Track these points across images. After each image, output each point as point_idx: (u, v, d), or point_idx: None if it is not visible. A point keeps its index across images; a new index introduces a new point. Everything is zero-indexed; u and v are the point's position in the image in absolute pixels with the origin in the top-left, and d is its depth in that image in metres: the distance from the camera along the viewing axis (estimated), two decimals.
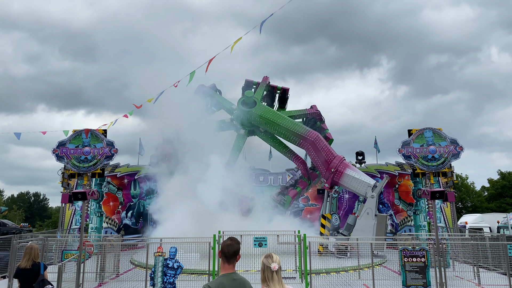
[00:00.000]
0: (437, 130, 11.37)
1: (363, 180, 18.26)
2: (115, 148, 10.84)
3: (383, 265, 15.06)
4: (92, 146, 10.76)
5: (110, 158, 10.83)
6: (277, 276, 3.70)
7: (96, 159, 10.64)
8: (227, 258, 3.76)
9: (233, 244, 3.81)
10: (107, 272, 13.30)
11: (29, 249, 7.21)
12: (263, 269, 3.74)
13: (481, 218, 28.55)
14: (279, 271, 3.73)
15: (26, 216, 68.33)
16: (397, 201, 24.82)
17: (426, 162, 11.10)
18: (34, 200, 79.89)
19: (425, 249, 10.79)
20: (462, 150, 11.23)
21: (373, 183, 18.00)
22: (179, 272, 10.08)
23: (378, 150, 27.52)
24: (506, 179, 48.61)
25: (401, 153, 11.52)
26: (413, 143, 11.34)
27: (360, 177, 18.34)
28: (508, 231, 23.36)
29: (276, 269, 3.70)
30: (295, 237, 13.17)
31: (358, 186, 18.29)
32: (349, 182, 18.50)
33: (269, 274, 3.69)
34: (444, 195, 10.51)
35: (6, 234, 20.33)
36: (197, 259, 13.24)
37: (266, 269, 3.71)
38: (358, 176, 18.41)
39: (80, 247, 10.34)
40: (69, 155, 10.60)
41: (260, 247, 12.03)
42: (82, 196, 9.93)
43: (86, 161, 10.59)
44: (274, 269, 3.69)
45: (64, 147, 10.78)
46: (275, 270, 3.70)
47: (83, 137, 10.82)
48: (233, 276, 3.74)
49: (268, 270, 3.70)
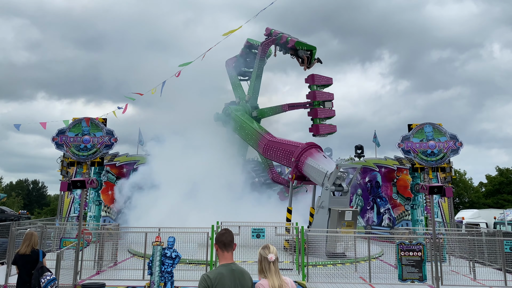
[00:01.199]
0: (437, 125, 11.36)
1: (320, 169, 16.11)
2: (115, 137, 10.83)
3: (379, 259, 15.15)
4: (92, 135, 10.74)
5: (110, 147, 10.82)
6: (274, 267, 3.75)
7: (95, 147, 10.64)
8: (225, 246, 3.81)
9: (228, 233, 3.90)
10: (105, 261, 13.37)
11: (29, 235, 7.24)
12: (260, 260, 3.79)
13: (478, 214, 28.71)
14: (276, 262, 3.78)
15: (24, 203, 68.49)
16: (395, 195, 24.88)
17: (425, 157, 11.12)
18: (33, 188, 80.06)
19: (422, 244, 10.86)
20: (461, 146, 11.25)
21: (331, 171, 15.61)
22: (177, 261, 10.14)
23: (378, 145, 27.53)
24: (504, 175, 48.76)
25: (401, 148, 11.51)
26: (413, 138, 11.35)
27: (318, 166, 16.31)
28: (504, 227, 23.50)
29: (273, 260, 3.75)
30: (292, 229, 13.23)
31: (315, 176, 16.37)
32: (308, 171, 16.80)
33: (266, 265, 3.74)
34: (442, 190, 10.54)
35: (5, 220, 20.40)
36: (195, 248, 13.31)
37: (264, 260, 3.76)
38: (317, 165, 16.41)
39: (78, 235, 10.38)
40: (69, 143, 10.59)
41: (258, 238, 12.10)
42: (81, 184, 9.95)
43: (85, 150, 10.60)
44: (271, 260, 3.74)
45: (63, 135, 10.76)
46: (272, 261, 3.74)
47: (83, 126, 10.80)
48: (232, 266, 3.76)
49: (265, 261, 3.75)
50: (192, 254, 13.09)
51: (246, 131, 21.49)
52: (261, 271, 3.77)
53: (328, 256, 13.65)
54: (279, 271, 3.79)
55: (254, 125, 21.47)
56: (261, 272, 3.77)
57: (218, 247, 3.85)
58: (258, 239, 12.14)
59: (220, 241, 3.83)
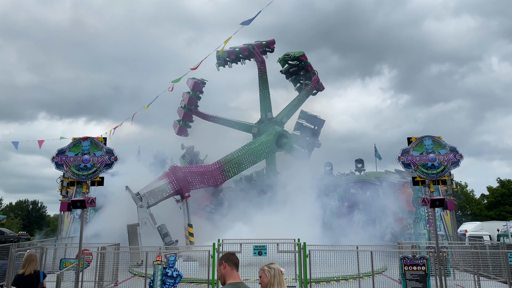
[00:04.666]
0: (436, 138, 11.35)
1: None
2: (115, 156, 10.80)
3: (383, 274, 14.99)
4: (91, 154, 10.73)
5: (110, 166, 10.78)
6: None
7: (95, 167, 10.60)
8: (236, 265, 3.92)
9: (236, 255, 4.06)
10: (105, 281, 13.22)
11: (29, 256, 7.17)
12: (275, 275, 3.91)
13: (481, 226, 28.51)
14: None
15: (24, 224, 67.96)
16: (397, 209, 24.74)
17: (426, 170, 11.10)
18: (32, 208, 79.52)
19: (426, 258, 10.76)
20: (461, 158, 11.23)
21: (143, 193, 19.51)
22: (178, 280, 10.03)
23: (379, 158, 27.53)
24: (506, 187, 48.60)
25: (401, 161, 11.48)
26: (413, 151, 11.34)
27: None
28: (508, 239, 23.30)
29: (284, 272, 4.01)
30: (294, 245, 13.12)
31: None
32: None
33: (281, 278, 3.94)
34: (444, 203, 10.50)
35: (4, 242, 20.22)
36: (196, 267, 13.18)
37: (279, 274, 3.93)
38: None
39: (78, 255, 10.28)
40: (69, 163, 10.58)
41: (260, 255, 11.98)
42: (81, 204, 9.91)
43: (85, 169, 10.56)
44: (284, 272, 3.99)
45: (63, 155, 10.73)
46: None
47: (82, 145, 10.80)
48: (239, 285, 3.77)
49: (280, 275, 3.94)
50: (194, 273, 12.96)
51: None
52: (276, 284, 3.88)
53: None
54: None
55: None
56: (278, 286, 3.88)
57: (228, 265, 3.87)
58: (260, 256, 12.02)
59: (230, 260, 3.90)
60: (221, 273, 3.85)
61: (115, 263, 13.75)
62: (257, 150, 23.20)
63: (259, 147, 23.29)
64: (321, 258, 12.50)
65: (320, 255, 12.45)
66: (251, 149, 23.09)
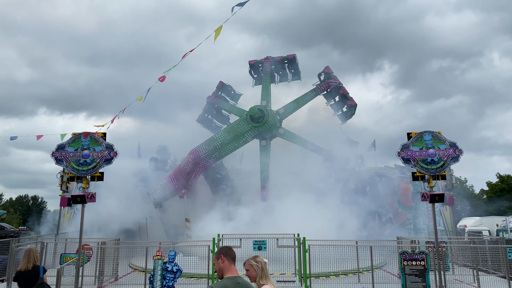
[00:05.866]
0: (436, 133, 11.33)
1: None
2: (114, 151, 10.78)
3: (382, 269, 15.03)
4: (91, 149, 10.71)
5: (110, 161, 10.76)
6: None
7: (95, 162, 10.58)
8: (233, 259, 3.91)
9: (233, 249, 4.03)
10: (105, 276, 13.26)
11: (28, 251, 7.18)
12: (261, 268, 3.91)
13: (480, 221, 28.56)
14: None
15: (24, 219, 68.07)
16: (396, 204, 24.78)
17: (426, 165, 11.07)
18: (33, 203, 79.60)
19: (425, 253, 10.78)
20: (461, 153, 11.20)
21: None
22: (178, 275, 10.05)
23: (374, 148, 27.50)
24: (505, 182, 48.66)
25: (400, 156, 11.47)
26: (413, 146, 11.32)
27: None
28: (507, 234, 23.36)
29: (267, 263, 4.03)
30: (294, 240, 13.15)
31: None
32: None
33: (267, 270, 3.94)
34: (444, 198, 10.52)
35: (5, 237, 20.27)
36: (196, 262, 13.21)
37: (264, 266, 3.93)
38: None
39: (79, 250, 10.29)
40: (68, 158, 10.56)
41: (260, 250, 12.00)
42: (81, 199, 9.91)
43: (85, 164, 10.54)
44: (267, 263, 4.00)
45: (63, 150, 10.71)
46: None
47: (82, 140, 10.78)
48: (238, 280, 3.75)
49: (266, 267, 3.94)
50: (194, 268, 12.99)
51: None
52: (264, 277, 3.89)
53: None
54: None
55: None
56: (266, 278, 3.90)
57: (226, 260, 3.86)
58: (260, 251, 12.04)
59: (228, 254, 3.89)
60: (219, 267, 3.85)
61: (115, 257, 13.79)
62: (231, 127, 22.70)
63: (233, 124, 22.89)
64: (321, 253, 12.52)
65: (319, 250, 12.48)
66: (226, 128, 23.24)
